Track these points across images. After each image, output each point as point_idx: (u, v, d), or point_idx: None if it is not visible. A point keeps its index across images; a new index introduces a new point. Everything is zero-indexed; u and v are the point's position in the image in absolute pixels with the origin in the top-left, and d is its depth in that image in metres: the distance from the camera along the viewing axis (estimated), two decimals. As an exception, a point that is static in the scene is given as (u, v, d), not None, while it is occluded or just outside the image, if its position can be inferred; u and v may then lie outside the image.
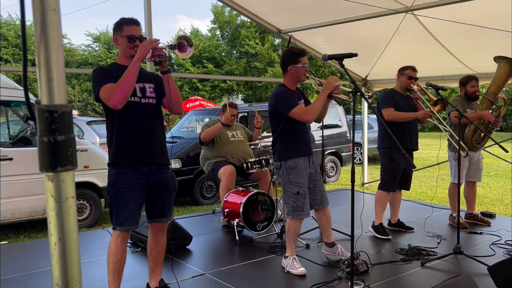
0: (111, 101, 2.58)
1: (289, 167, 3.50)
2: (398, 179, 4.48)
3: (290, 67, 3.50)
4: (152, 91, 2.84)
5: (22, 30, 1.01)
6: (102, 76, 2.66)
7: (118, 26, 2.77)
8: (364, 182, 8.11)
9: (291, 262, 3.57)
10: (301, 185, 3.50)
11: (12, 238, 5.23)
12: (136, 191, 2.74)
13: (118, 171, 2.73)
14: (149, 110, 2.80)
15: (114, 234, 2.78)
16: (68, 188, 1.01)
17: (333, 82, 3.38)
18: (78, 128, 9.54)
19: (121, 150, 2.73)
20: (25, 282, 3.47)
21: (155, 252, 3.00)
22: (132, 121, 2.72)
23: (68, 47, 28.59)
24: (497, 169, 10.68)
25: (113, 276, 2.78)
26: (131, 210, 2.73)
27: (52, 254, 1.01)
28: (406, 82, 4.42)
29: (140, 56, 2.61)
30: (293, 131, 3.53)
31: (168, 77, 2.78)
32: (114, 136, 2.73)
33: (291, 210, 3.52)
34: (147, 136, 2.77)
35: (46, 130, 0.97)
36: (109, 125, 2.77)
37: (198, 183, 7.08)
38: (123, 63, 2.77)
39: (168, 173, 2.91)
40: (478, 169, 4.88)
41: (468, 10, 4.82)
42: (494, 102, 4.69)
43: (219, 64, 28.81)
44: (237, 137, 5.23)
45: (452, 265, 3.70)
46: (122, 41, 2.76)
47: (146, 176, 2.77)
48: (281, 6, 5.88)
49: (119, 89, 2.57)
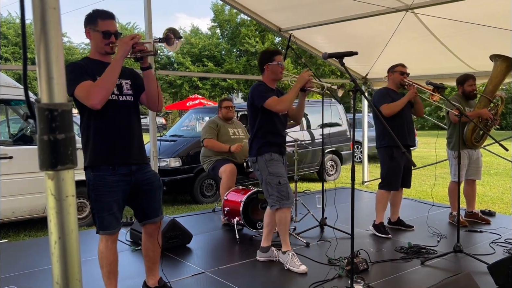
0: (91, 101, 2.44)
1: (266, 160, 3.57)
2: (400, 177, 4.49)
3: (266, 65, 3.64)
4: (129, 87, 2.73)
5: (22, 28, 1.01)
6: (76, 72, 2.51)
7: (91, 19, 2.62)
8: (364, 180, 8.12)
9: (290, 259, 3.57)
10: (281, 175, 3.56)
11: (13, 237, 5.24)
12: (117, 193, 2.65)
13: (97, 174, 2.62)
14: (126, 108, 2.69)
15: (103, 238, 2.70)
16: (68, 186, 1.01)
17: (305, 76, 3.52)
18: (78, 127, 9.54)
19: (99, 152, 2.61)
20: (26, 280, 3.47)
21: (151, 252, 2.94)
22: (110, 121, 2.60)
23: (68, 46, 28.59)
24: (497, 167, 10.68)
25: (109, 278, 2.74)
26: (114, 213, 2.65)
27: (52, 252, 1.01)
28: (399, 78, 4.43)
29: (123, 54, 2.49)
30: (270, 129, 3.61)
31: (149, 74, 2.66)
32: (91, 137, 2.61)
33: (277, 200, 3.55)
34: (126, 136, 2.67)
35: (46, 129, 0.97)
36: (84, 125, 2.63)
37: (198, 181, 7.08)
38: (96, 58, 2.66)
39: (149, 171, 2.83)
40: (478, 167, 4.88)
41: (468, 8, 4.82)
42: (492, 101, 4.70)
43: (219, 62, 28.81)
44: (238, 135, 5.24)
45: (452, 263, 3.71)
46: (96, 36, 2.61)
47: (126, 177, 2.68)
48: (281, 5, 5.87)
49: (100, 88, 2.44)
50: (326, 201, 4.81)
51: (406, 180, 4.62)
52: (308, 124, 8.94)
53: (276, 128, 3.64)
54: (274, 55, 3.64)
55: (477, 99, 4.85)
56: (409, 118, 4.49)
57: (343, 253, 3.80)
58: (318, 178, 9.02)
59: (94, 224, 2.71)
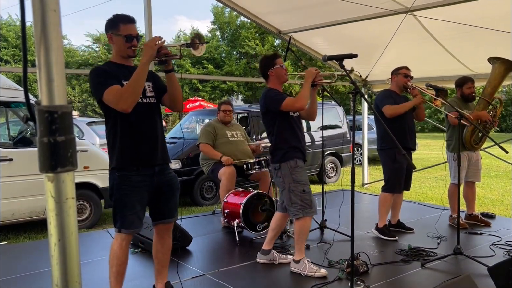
0: (121, 105, 2.50)
1: (291, 167, 3.49)
2: (403, 179, 4.48)
3: (270, 71, 3.60)
4: (151, 90, 2.79)
5: (22, 31, 1.01)
6: (104, 77, 2.58)
7: (113, 24, 2.68)
8: (364, 182, 8.11)
9: (307, 265, 3.51)
10: (305, 183, 3.51)
11: (12, 239, 5.23)
12: (141, 193, 2.71)
13: (122, 174, 2.68)
14: (150, 110, 2.75)
15: (119, 237, 2.73)
16: (68, 188, 1.01)
17: (312, 70, 3.49)
18: (78, 129, 9.54)
19: (126, 154, 2.67)
20: (25, 283, 3.47)
21: (160, 254, 2.98)
22: (135, 123, 2.66)
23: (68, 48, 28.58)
24: (497, 169, 10.68)
25: (116, 278, 2.76)
26: (136, 212, 2.71)
27: (52, 255, 1.01)
28: (403, 81, 4.43)
29: (149, 58, 2.55)
30: (291, 134, 3.55)
31: (172, 76, 2.73)
32: (118, 139, 2.67)
33: (300, 208, 3.47)
34: (151, 138, 2.74)
35: (46, 131, 0.97)
36: (110, 128, 2.69)
37: (198, 183, 7.08)
38: (119, 62, 2.73)
39: (170, 173, 2.90)
40: (477, 169, 4.88)
41: (468, 11, 4.82)
42: (491, 103, 4.71)
43: (219, 65, 28.82)
44: (237, 137, 5.24)
45: (452, 265, 3.70)
46: (118, 40, 2.67)
47: (149, 178, 2.74)
48: (281, 7, 5.88)
49: (130, 93, 2.51)
50: (326, 203, 4.81)
51: (407, 183, 4.62)
52: (308, 127, 8.94)
53: (296, 132, 3.59)
54: (274, 59, 3.62)
55: (476, 102, 4.85)
56: (410, 121, 4.48)
57: (343, 255, 3.79)
58: (318, 180, 9.01)
59: (114, 224, 2.76)
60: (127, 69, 2.67)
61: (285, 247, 4.19)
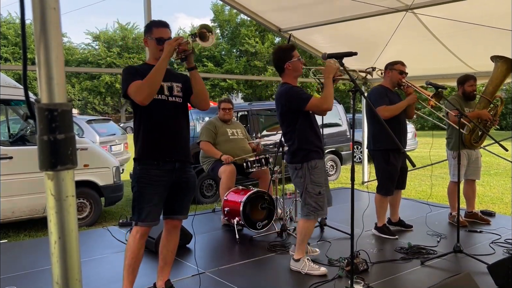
0: (138, 97, 2.64)
1: (311, 167, 3.39)
2: (395, 181, 4.44)
3: (287, 64, 3.39)
4: (180, 90, 2.89)
5: (22, 28, 1.01)
6: (130, 74, 2.74)
7: (148, 28, 2.86)
8: (364, 180, 8.11)
9: (307, 264, 3.48)
10: (322, 185, 3.44)
11: (12, 237, 5.24)
12: (159, 187, 2.79)
13: (143, 167, 2.78)
14: (175, 108, 2.84)
15: (134, 230, 2.80)
16: (68, 186, 1.01)
17: (333, 65, 3.26)
18: (78, 127, 9.54)
19: (147, 147, 2.78)
20: (25, 280, 3.47)
21: (165, 250, 3.03)
22: (159, 119, 2.77)
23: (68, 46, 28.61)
24: (497, 167, 10.68)
25: (128, 271, 2.81)
26: (154, 205, 2.77)
27: (52, 252, 1.01)
28: (397, 77, 4.35)
29: (167, 54, 2.66)
30: (312, 133, 3.43)
31: (195, 74, 2.82)
32: (141, 133, 2.79)
33: (313, 210, 3.41)
34: (173, 134, 2.82)
35: (46, 129, 0.97)
36: (136, 122, 2.83)
37: (198, 181, 7.07)
38: (153, 63, 2.81)
39: (190, 171, 2.96)
40: (477, 167, 4.88)
41: (468, 8, 4.81)
42: (492, 102, 4.70)
43: (219, 63, 28.82)
44: (237, 135, 5.24)
45: (452, 263, 3.71)
46: (151, 43, 2.83)
47: (169, 173, 2.81)
48: (281, 5, 5.87)
49: (146, 85, 2.63)
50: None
51: (402, 182, 4.58)
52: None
53: (316, 131, 3.48)
54: (291, 51, 3.43)
55: (477, 100, 4.85)
56: (403, 120, 4.42)
57: (343, 253, 3.79)
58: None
59: (132, 216, 2.84)
60: None
61: (285, 245, 4.19)
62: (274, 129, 8.32)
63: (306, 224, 3.50)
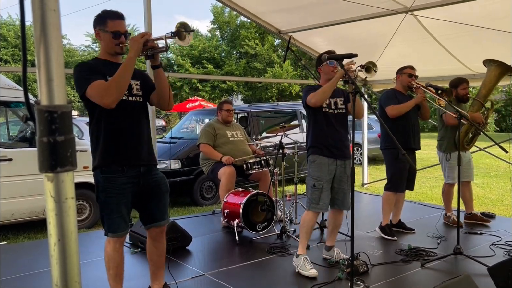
0: (105, 100, 2.41)
1: (310, 160, 3.62)
2: (405, 178, 4.49)
3: (319, 68, 3.66)
4: (139, 88, 2.71)
5: (22, 30, 1.01)
6: (87, 72, 2.49)
7: (101, 20, 2.61)
8: (364, 182, 8.11)
9: (302, 263, 3.53)
10: (318, 179, 3.54)
11: (12, 239, 5.23)
12: (126, 195, 2.64)
13: (106, 176, 2.60)
14: (136, 108, 2.68)
15: (111, 240, 2.68)
16: (68, 188, 1.01)
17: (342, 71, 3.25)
18: (77, 128, 9.53)
19: (109, 153, 2.59)
20: (25, 282, 3.47)
21: (155, 256, 2.91)
22: (120, 121, 2.58)
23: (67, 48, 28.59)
24: (497, 169, 10.68)
25: (115, 280, 2.73)
26: (122, 215, 2.64)
27: (51, 254, 1.01)
28: (407, 80, 4.44)
29: (135, 52, 2.48)
30: (320, 129, 3.59)
31: (160, 72, 2.64)
32: (101, 138, 2.58)
33: (308, 201, 3.61)
34: (135, 137, 2.66)
35: (46, 131, 0.97)
36: (94, 125, 2.60)
37: (197, 183, 7.07)
38: (106, 59, 2.66)
39: (157, 174, 2.81)
40: (470, 168, 4.93)
41: (467, 10, 4.82)
42: (484, 105, 4.74)
43: (219, 64, 28.82)
44: (237, 137, 5.24)
45: (452, 265, 3.70)
46: (106, 37, 2.60)
47: (135, 179, 2.66)
48: (281, 7, 5.88)
49: (114, 88, 2.42)
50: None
51: (410, 183, 4.61)
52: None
53: (324, 128, 3.56)
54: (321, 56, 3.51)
55: (470, 103, 4.89)
56: (415, 121, 4.48)
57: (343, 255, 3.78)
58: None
59: (102, 226, 2.70)
60: (113, 66, 2.57)
61: (285, 246, 4.19)
62: (274, 131, 8.30)
63: (304, 216, 3.66)
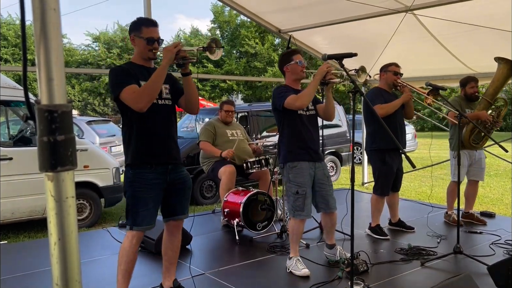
0: (139, 105, 2.58)
1: (289, 166, 3.51)
2: (391, 182, 4.44)
3: (285, 67, 3.57)
4: (168, 92, 2.86)
5: (22, 29, 1.01)
6: (122, 76, 2.66)
7: (136, 26, 2.77)
8: (364, 181, 8.11)
9: (294, 263, 3.54)
10: (301, 185, 3.45)
11: (12, 238, 5.23)
12: (154, 190, 2.76)
13: (136, 171, 2.74)
14: (165, 111, 2.83)
15: (130, 235, 2.77)
16: (68, 187, 1.01)
17: (324, 68, 3.33)
18: (78, 128, 9.54)
19: (141, 152, 2.74)
20: (25, 282, 3.47)
21: (170, 251, 3.03)
22: (150, 123, 2.73)
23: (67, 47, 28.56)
24: (497, 168, 10.68)
25: (124, 276, 2.79)
26: (149, 209, 2.75)
27: (52, 253, 1.01)
28: (392, 78, 4.39)
29: (168, 61, 2.63)
30: (295, 133, 3.49)
31: (189, 80, 2.80)
32: (133, 138, 2.74)
33: (291, 209, 3.52)
34: (165, 137, 2.81)
35: (46, 130, 0.97)
36: (126, 126, 2.77)
37: (198, 182, 7.07)
38: (139, 63, 2.80)
39: (183, 171, 2.96)
40: (481, 168, 4.88)
41: (468, 9, 4.82)
42: (493, 103, 4.70)
43: (219, 64, 28.80)
44: (237, 136, 5.24)
45: (452, 264, 3.70)
46: (140, 43, 2.76)
47: (163, 176, 2.80)
48: (281, 6, 5.88)
49: (147, 93, 2.58)
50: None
51: (396, 184, 4.56)
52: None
53: (301, 131, 3.50)
54: (291, 55, 3.56)
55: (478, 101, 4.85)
56: (401, 121, 4.43)
57: (343, 254, 3.79)
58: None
59: (127, 220, 2.79)
60: (146, 71, 2.76)
61: (285, 246, 4.19)
62: (274, 131, 8.32)
63: (291, 223, 3.60)
